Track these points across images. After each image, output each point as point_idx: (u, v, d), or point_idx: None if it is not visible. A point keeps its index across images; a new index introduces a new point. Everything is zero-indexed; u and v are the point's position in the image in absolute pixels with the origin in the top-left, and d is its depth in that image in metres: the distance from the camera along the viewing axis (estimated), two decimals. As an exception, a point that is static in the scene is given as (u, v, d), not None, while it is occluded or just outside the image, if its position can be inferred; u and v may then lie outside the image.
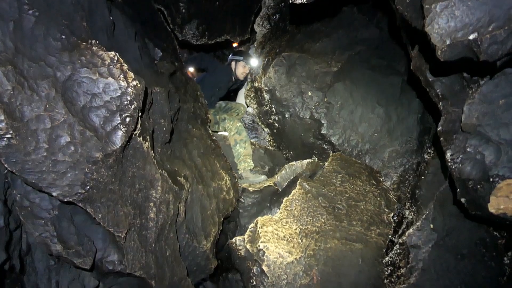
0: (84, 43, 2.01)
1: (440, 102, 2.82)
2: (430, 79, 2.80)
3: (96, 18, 2.26)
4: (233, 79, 4.55)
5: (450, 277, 2.99)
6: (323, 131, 4.16)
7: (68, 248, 2.01)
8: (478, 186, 2.48)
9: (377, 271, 3.17)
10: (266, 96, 4.41)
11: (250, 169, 3.99)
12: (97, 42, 2.06)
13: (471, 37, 1.93)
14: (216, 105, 4.65)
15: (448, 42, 1.99)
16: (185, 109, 3.33)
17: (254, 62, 4.02)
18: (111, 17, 2.41)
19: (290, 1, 2.83)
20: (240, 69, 4.11)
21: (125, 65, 2.05)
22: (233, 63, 4.33)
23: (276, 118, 4.45)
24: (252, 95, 4.68)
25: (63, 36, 1.93)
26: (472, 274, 2.99)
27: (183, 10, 3.76)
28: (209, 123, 3.88)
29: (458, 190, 2.65)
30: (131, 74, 2.05)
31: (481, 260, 3.01)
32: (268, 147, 4.65)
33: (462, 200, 2.65)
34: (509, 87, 2.31)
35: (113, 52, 2.04)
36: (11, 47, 1.78)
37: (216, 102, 4.64)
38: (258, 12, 4.78)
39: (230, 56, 4.35)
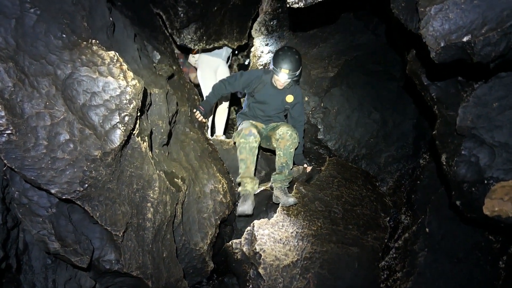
0: (85, 42, 2.03)
1: (435, 106, 2.85)
2: (425, 83, 2.83)
3: (97, 18, 2.28)
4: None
5: (446, 280, 2.98)
6: (320, 136, 4.18)
7: (66, 246, 2.01)
8: (473, 189, 2.50)
9: (373, 274, 3.18)
10: (263, 100, 4.41)
11: (280, 187, 3.48)
12: (97, 41, 2.09)
13: (465, 39, 1.97)
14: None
15: (442, 44, 2.02)
16: (182, 112, 3.34)
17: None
18: (111, 18, 2.43)
19: (288, 5, 2.86)
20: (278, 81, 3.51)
21: (124, 64, 2.07)
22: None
23: (273, 123, 4.44)
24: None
25: (64, 35, 1.96)
26: (468, 278, 2.98)
27: (182, 14, 3.77)
28: (206, 127, 3.88)
29: (453, 192, 2.66)
30: (130, 74, 2.07)
31: (476, 263, 3.01)
32: (265, 152, 4.66)
33: (457, 202, 2.66)
34: (503, 90, 2.34)
35: (113, 52, 2.07)
36: (12, 44, 1.80)
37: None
38: (256, 18, 4.83)
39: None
